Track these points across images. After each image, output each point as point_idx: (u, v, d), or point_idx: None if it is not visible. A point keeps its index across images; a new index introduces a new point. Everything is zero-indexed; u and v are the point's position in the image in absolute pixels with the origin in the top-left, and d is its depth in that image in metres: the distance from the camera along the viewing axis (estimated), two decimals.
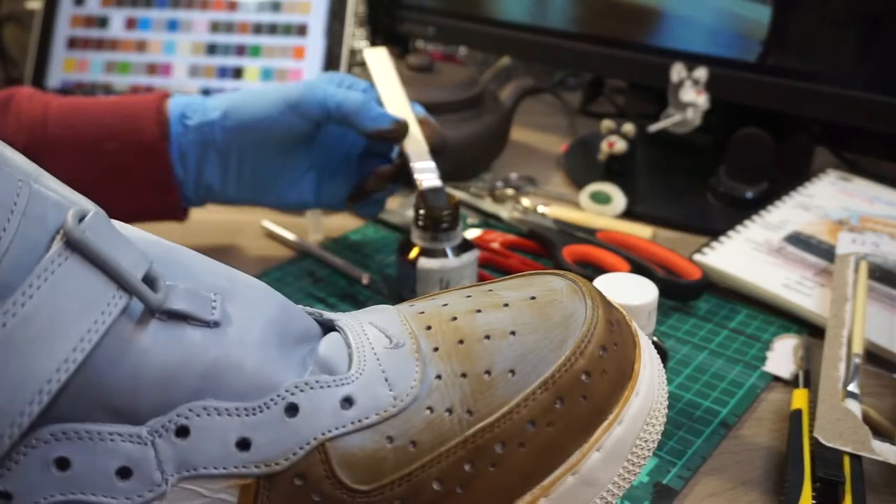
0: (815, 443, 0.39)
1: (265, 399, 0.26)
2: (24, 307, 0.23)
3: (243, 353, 0.27)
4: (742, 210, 0.66)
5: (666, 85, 0.70)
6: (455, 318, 0.29)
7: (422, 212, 0.53)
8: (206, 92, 0.85)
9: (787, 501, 0.37)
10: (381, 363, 0.28)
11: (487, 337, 0.28)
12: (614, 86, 1.01)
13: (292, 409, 0.26)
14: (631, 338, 0.30)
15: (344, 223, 0.69)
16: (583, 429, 0.27)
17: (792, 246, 0.59)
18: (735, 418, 0.45)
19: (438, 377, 0.28)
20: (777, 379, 0.48)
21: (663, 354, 0.43)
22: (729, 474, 0.41)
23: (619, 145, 0.74)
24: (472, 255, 0.54)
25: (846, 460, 0.38)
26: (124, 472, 0.25)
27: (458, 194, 0.70)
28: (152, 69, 0.86)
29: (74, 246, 0.24)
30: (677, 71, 0.69)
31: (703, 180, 0.72)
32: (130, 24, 0.87)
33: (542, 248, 0.62)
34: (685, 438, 0.43)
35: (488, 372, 0.28)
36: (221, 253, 0.62)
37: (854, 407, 0.41)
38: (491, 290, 0.31)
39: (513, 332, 0.28)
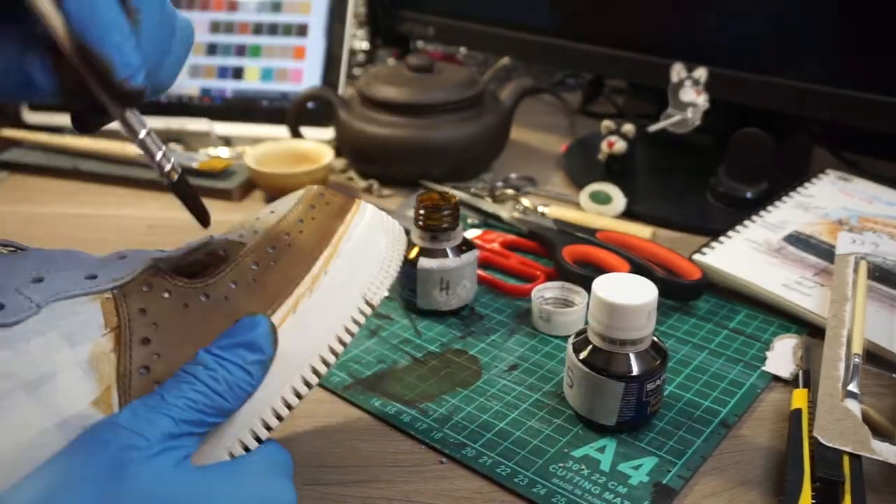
0: (814, 442, 0.39)
1: (98, 256, 0.34)
2: None
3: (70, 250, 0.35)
4: (742, 210, 0.66)
5: (666, 85, 0.70)
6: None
7: (422, 212, 0.53)
8: (207, 92, 0.85)
9: (787, 501, 0.37)
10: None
11: (257, 218, 0.38)
12: (614, 86, 1.01)
13: (121, 256, 0.34)
14: (335, 188, 0.43)
15: None
16: (338, 215, 0.38)
17: (792, 246, 0.59)
18: (735, 418, 0.45)
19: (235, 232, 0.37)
20: (777, 379, 0.48)
21: (663, 354, 0.43)
22: (729, 474, 0.41)
23: (619, 145, 0.74)
24: (472, 255, 0.54)
25: (846, 460, 0.38)
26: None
27: (458, 194, 0.70)
28: None
29: None
30: (677, 71, 0.70)
31: (703, 180, 0.72)
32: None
33: (542, 248, 0.62)
34: (685, 438, 0.43)
35: (258, 218, 0.38)
36: None
37: (854, 407, 0.41)
38: (273, 212, 0.40)
39: (272, 212, 0.38)
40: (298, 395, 0.34)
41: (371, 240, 0.38)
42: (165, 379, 0.31)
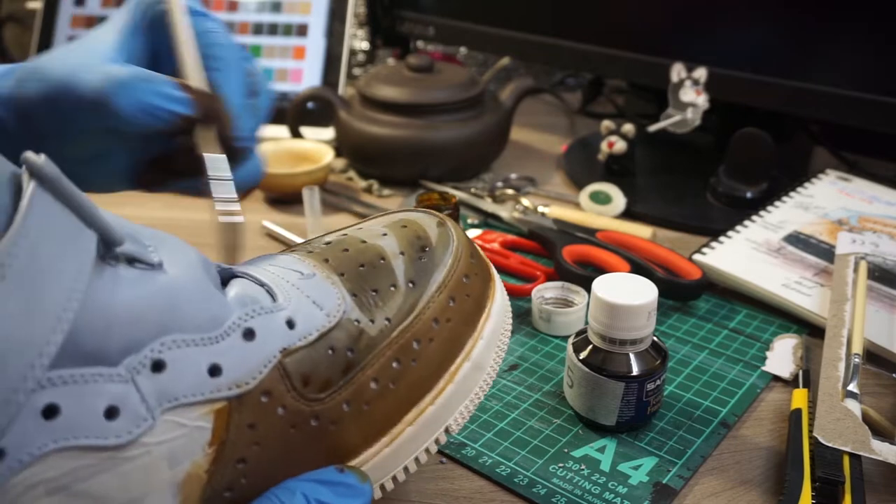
0: (814, 442, 0.39)
1: (224, 327, 0.28)
2: (23, 246, 0.23)
3: (194, 288, 0.28)
4: (742, 210, 0.66)
5: (666, 85, 0.70)
6: (346, 250, 0.34)
7: None
8: None
9: (787, 501, 0.37)
10: (302, 291, 0.31)
11: (382, 259, 0.34)
12: (614, 86, 1.01)
13: (250, 334, 0.29)
14: (479, 250, 0.37)
15: (344, 223, 0.69)
16: (470, 321, 0.34)
17: (791, 246, 0.59)
18: (735, 418, 0.45)
19: (354, 295, 0.32)
20: (777, 379, 0.48)
21: (663, 354, 0.43)
22: (729, 474, 0.41)
23: (619, 145, 0.74)
24: None
25: (846, 460, 0.38)
26: (112, 412, 0.25)
27: (458, 194, 0.70)
28: None
29: (46, 182, 0.24)
30: (677, 71, 0.70)
31: (703, 180, 0.72)
32: None
33: (542, 248, 0.63)
34: (685, 438, 0.43)
35: (394, 286, 0.33)
36: (222, 253, 0.62)
37: (853, 406, 0.41)
38: (361, 228, 0.36)
39: (402, 253, 0.34)
40: None
41: (483, 360, 0.34)
42: (244, 502, 0.28)
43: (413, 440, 0.32)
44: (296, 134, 0.79)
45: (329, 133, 0.81)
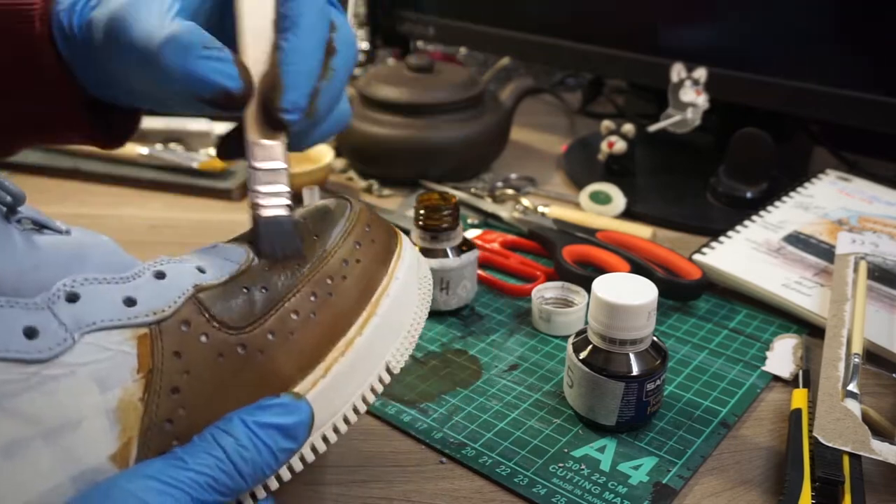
0: (814, 442, 0.39)
1: (134, 270, 0.30)
2: None
3: (103, 245, 0.30)
4: (742, 210, 0.66)
5: (666, 85, 0.70)
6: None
7: (422, 212, 0.53)
8: None
9: (787, 501, 0.37)
10: (213, 254, 0.34)
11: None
12: (614, 86, 1.01)
13: (160, 275, 0.31)
14: (378, 215, 0.39)
15: None
16: (381, 261, 0.36)
17: (791, 246, 0.59)
18: (735, 418, 0.45)
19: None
20: (777, 379, 0.48)
21: (663, 354, 0.43)
22: (729, 474, 0.41)
23: (619, 145, 0.74)
24: (472, 255, 0.54)
25: (846, 460, 0.38)
26: (31, 332, 0.26)
27: (458, 194, 0.70)
28: None
29: None
30: (677, 71, 0.70)
31: (703, 180, 0.72)
32: None
33: (542, 248, 0.63)
34: (685, 438, 0.43)
35: (301, 240, 0.35)
36: None
37: (853, 406, 0.41)
38: None
39: (304, 219, 0.36)
40: (304, 461, 0.32)
41: (406, 297, 0.36)
42: (188, 436, 0.28)
43: (350, 372, 0.33)
44: None
45: None
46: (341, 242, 0.35)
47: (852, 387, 0.43)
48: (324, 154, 0.74)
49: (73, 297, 0.28)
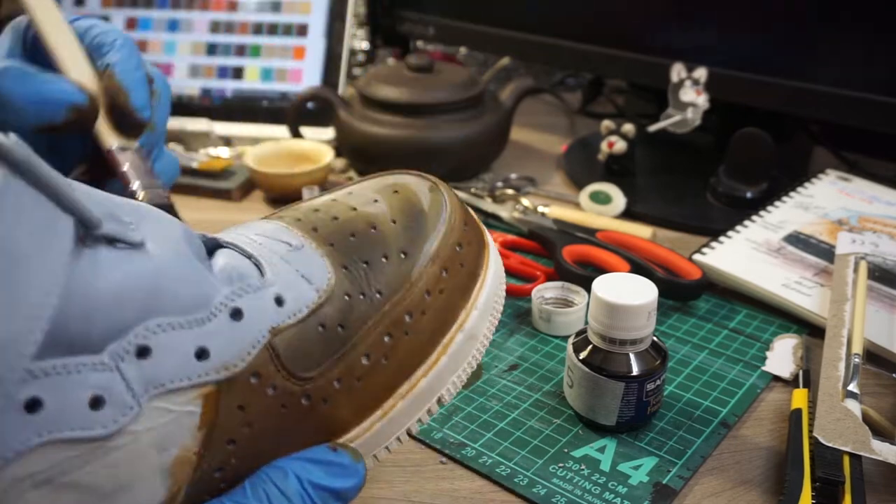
0: (814, 442, 0.39)
1: (210, 308, 0.27)
2: None
3: (178, 268, 0.27)
4: (742, 210, 0.66)
5: (666, 85, 0.70)
6: (336, 218, 0.33)
7: None
8: (207, 92, 0.85)
9: (787, 501, 0.37)
10: (291, 264, 0.30)
11: (374, 227, 0.32)
12: (614, 86, 1.01)
13: (237, 314, 0.28)
14: (472, 216, 0.36)
15: None
16: (464, 291, 0.33)
17: (791, 246, 0.59)
18: (735, 418, 0.45)
19: (345, 268, 0.31)
20: (777, 379, 0.48)
21: (663, 354, 0.43)
22: (729, 474, 0.41)
23: (619, 145, 0.74)
24: None
25: (846, 460, 0.38)
26: (97, 402, 0.24)
27: (459, 194, 0.70)
28: None
29: (18, 166, 0.22)
30: (677, 71, 0.70)
31: (703, 180, 0.72)
32: (131, 24, 0.87)
33: (542, 248, 0.63)
34: (685, 438, 0.43)
35: (385, 256, 0.32)
36: None
37: (854, 407, 0.41)
38: (351, 193, 0.35)
39: (393, 221, 0.33)
40: None
41: (479, 328, 0.34)
42: (235, 480, 0.28)
43: (406, 413, 0.32)
44: (296, 134, 0.79)
45: (329, 133, 0.81)
46: (429, 267, 0.32)
47: (852, 387, 0.43)
48: (324, 154, 0.74)
49: (143, 352, 0.25)
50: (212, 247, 0.30)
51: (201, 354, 0.26)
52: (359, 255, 0.32)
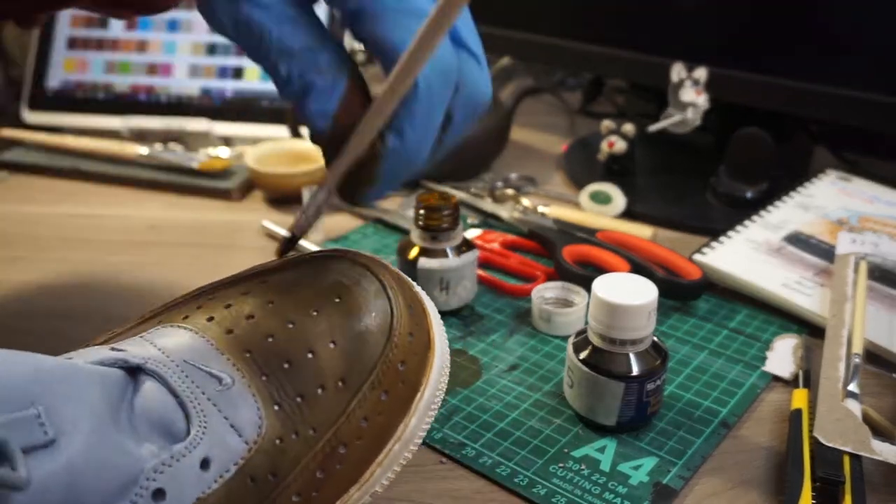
0: (815, 442, 0.39)
1: (130, 497, 0.26)
2: None
3: (95, 456, 0.25)
4: (742, 210, 0.66)
5: (666, 85, 0.70)
6: (272, 337, 0.30)
7: (422, 212, 0.53)
8: (207, 92, 0.85)
9: (787, 501, 0.37)
10: (220, 410, 0.28)
11: (311, 352, 0.30)
12: (614, 86, 1.01)
13: (160, 494, 0.26)
14: (422, 308, 0.33)
15: (344, 223, 0.69)
16: (404, 405, 0.31)
17: (792, 246, 0.59)
18: (735, 418, 0.45)
19: (278, 405, 0.29)
20: (777, 379, 0.48)
21: (663, 354, 0.43)
22: (729, 474, 0.41)
23: (619, 145, 0.74)
24: (472, 255, 0.54)
25: (846, 460, 0.38)
26: None
27: (459, 194, 0.70)
28: (152, 69, 0.86)
29: None
30: (677, 71, 0.70)
31: (703, 180, 0.72)
32: (131, 24, 0.87)
33: (542, 248, 0.63)
34: (685, 438, 0.43)
35: (322, 387, 0.29)
36: (222, 252, 0.62)
37: (854, 407, 0.41)
38: (290, 294, 0.31)
39: (333, 342, 0.30)
40: None
41: (415, 432, 0.32)
42: None
43: None
44: (296, 134, 0.79)
45: None
46: (368, 394, 0.30)
47: (853, 387, 0.43)
48: None
49: None
50: (134, 367, 0.28)
51: None
52: (294, 389, 0.29)
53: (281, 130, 0.81)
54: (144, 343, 0.30)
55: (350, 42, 0.86)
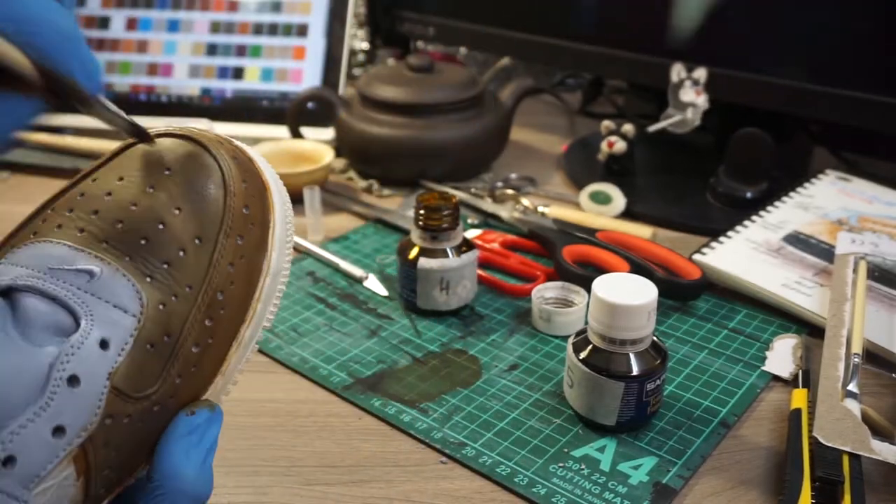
0: (814, 442, 0.40)
1: (48, 388, 0.28)
2: None
3: (4, 371, 0.28)
4: (742, 210, 0.66)
5: (666, 85, 0.70)
6: (121, 223, 0.32)
7: (422, 212, 0.53)
8: (207, 92, 0.85)
9: (787, 501, 0.37)
10: (100, 297, 0.30)
11: (162, 223, 0.32)
12: (614, 86, 1.01)
13: (74, 381, 0.28)
14: (246, 156, 0.36)
15: (344, 223, 0.69)
16: (261, 243, 0.34)
17: (791, 246, 0.59)
18: (734, 418, 0.45)
19: (149, 277, 0.31)
20: (776, 378, 0.48)
21: (663, 354, 0.43)
22: (728, 474, 0.41)
23: (619, 145, 0.74)
24: (472, 255, 0.54)
25: (845, 460, 0.38)
26: None
27: (458, 194, 0.70)
28: (153, 69, 0.86)
29: None
30: (677, 71, 0.70)
31: (703, 180, 0.72)
32: (131, 24, 0.87)
33: (542, 248, 0.63)
34: (685, 438, 0.43)
35: (182, 250, 0.32)
36: None
37: (853, 406, 0.41)
38: (122, 179, 0.33)
39: (177, 209, 0.33)
40: None
41: (280, 264, 0.35)
42: (116, 490, 0.31)
43: (241, 359, 0.34)
44: (296, 134, 0.79)
45: (329, 133, 0.81)
46: (225, 242, 0.33)
47: (852, 387, 0.43)
48: (324, 154, 0.74)
49: (8, 461, 0.27)
50: (5, 288, 0.30)
51: (58, 431, 0.28)
52: (158, 259, 0.32)
53: (281, 130, 0.81)
54: (6, 266, 0.32)
55: (351, 43, 0.86)
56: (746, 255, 0.58)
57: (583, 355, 0.43)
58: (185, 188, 0.33)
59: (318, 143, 0.76)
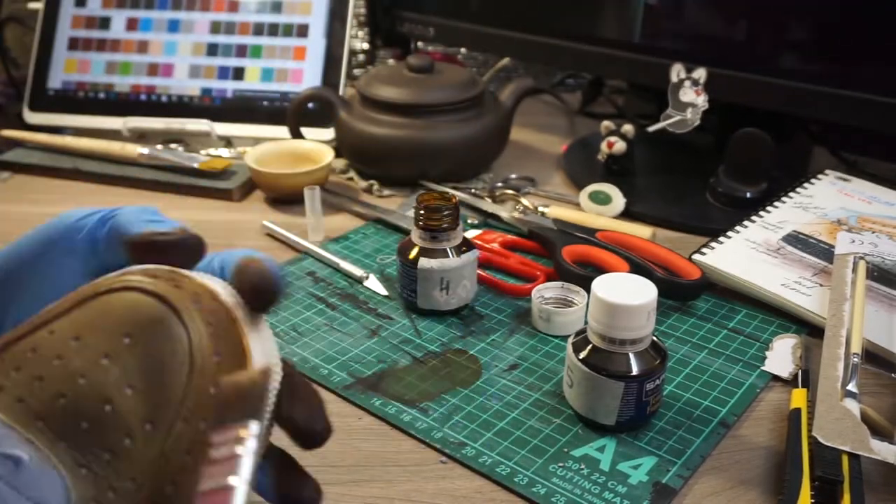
0: (813, 442, 0.40)
1: None
2: None
3: None
4: (741, 210, 0.66)
5: (666, 85, 0.71)
6: (63, 398, 0.28)
7: (422, 212, 0.53)
8: (208, 92, 0.85)
9: (786, 500, 0.37)
10: (21, 492, 0.26)
11: (108, 403, 0.27)
12: (614, 86, 1.01)
13: None
14: (229, 318, 0.30)
15: (344, 223, 0.69)
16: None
17: (791, 246, 0.59)
18: (734, 418, 0.45)
19: (85, 468, 0.27)
20: (776, 378, 0.49)
21: (663, 354, 0.43)
22: (728, 473, 0.41)
23: (619, 145, 0.74)
24: (472, 255, 0.54)
25: (845, 459, 0.38)
26: None
27: (458, 194, 0.70)
28: (153, 70, 0.86)
29: None
30: (677, 71, 0.70)
31: (703, 180, 0.72)
32: (131, 24, 0.87)
33: (542, 248, 0.63)
34: (684, 438, 0.43)
35: (129, 436, 0.27)
36: None
37: (853, 406, 0.41)
38: (78, 340, 0.29)
39: (130, 387, 0.28)
40: None
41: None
42: None
43: None
44: (296, 134, 0.79)
45: (329, 133, 0.81)
46: (184, 428, 0.27)
47: (851, 386, 0.43)
48: (324, 154, 0.74)
49: None
50: None
51: None
52: (98, 447, 0.27)
53: (281, 131, 0.81)
54: None
55: (351, 43, 0.86)
56: (746, 255, 0.58)
57: (582, 355, 0.43)
58: (143, 362, 0.28)
59: (318, 144, 0.76)
